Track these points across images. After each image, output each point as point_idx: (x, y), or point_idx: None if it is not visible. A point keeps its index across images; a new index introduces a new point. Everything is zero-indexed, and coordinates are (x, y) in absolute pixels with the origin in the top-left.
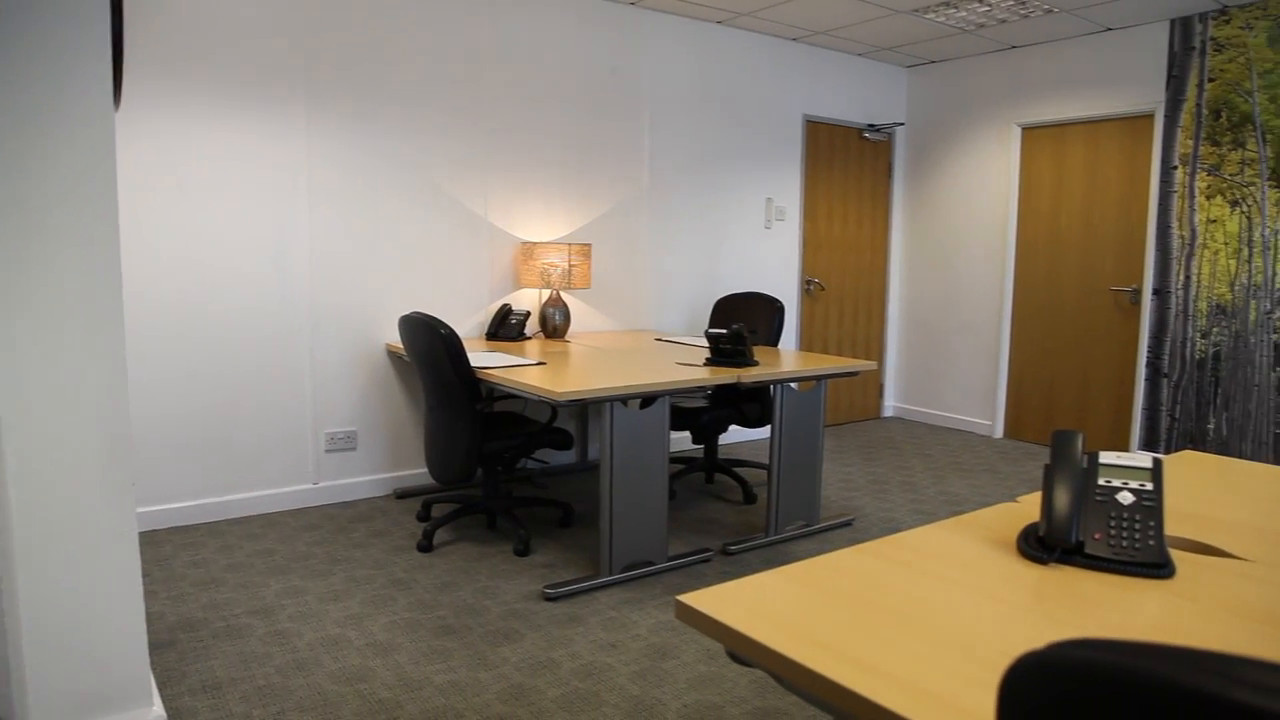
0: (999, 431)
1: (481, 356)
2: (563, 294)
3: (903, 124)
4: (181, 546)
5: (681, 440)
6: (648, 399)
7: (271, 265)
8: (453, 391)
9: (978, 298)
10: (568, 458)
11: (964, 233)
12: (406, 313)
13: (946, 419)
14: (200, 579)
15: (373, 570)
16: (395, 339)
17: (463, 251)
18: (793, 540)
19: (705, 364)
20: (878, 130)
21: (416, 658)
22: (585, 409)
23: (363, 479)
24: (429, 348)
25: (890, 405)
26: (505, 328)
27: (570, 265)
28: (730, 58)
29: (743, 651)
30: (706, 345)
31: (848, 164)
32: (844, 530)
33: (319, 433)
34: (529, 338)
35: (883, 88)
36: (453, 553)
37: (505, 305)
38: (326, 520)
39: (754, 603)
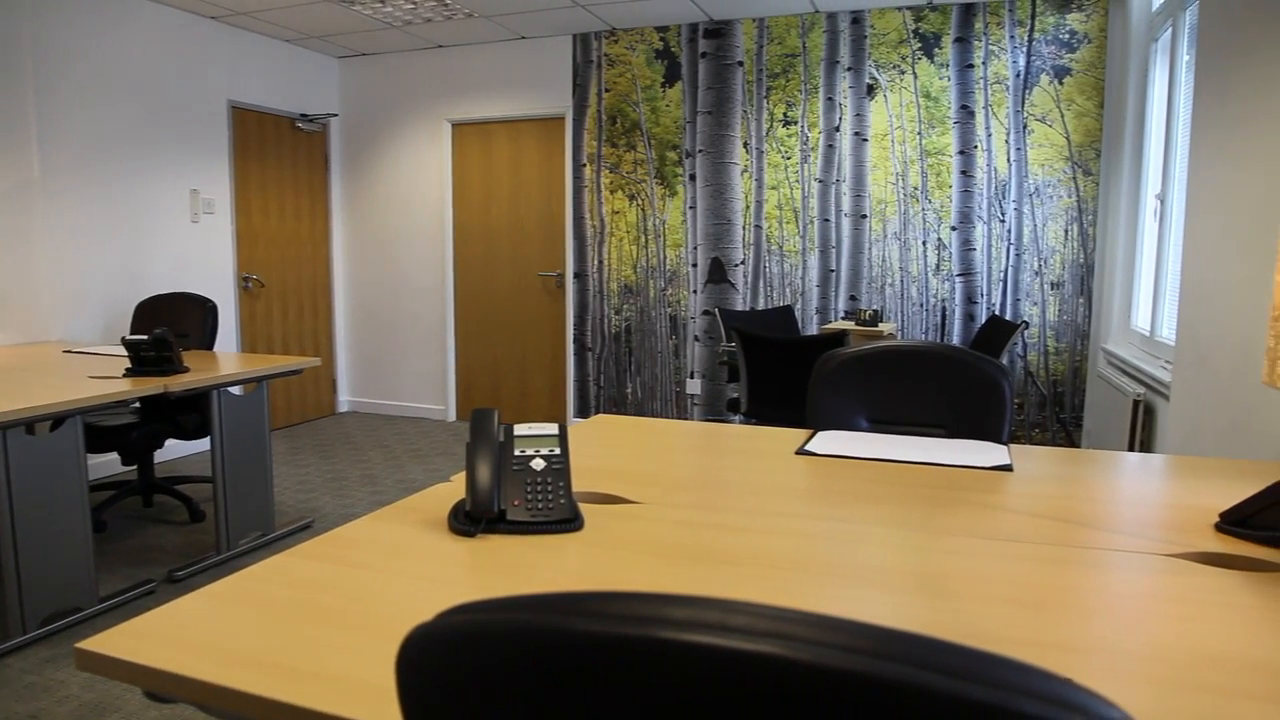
0: (452, 415)
1: None
2: None
3: (336, 115)
4: None
5: (110, 463)
6: (56, 421)
7: None
8: None
9: (422, 287)
10: None
11: (404, 224)
12: None
13: (402, 408)
14: None
15: None
16: None
17: None
18: (248, 553)
19: (125, 375)
20: (311, 121)
21: None
22: None
23: None
24: None
25: (345, 400)
26: None
27: None
28: (140, 33)
29: (160, 689)
30: (126, 354)
31: (281, 155)
32: (303, 534)
33: None
34: None
35: (314, 77)
36: None
37: None
38: None
39: (172, 632)
